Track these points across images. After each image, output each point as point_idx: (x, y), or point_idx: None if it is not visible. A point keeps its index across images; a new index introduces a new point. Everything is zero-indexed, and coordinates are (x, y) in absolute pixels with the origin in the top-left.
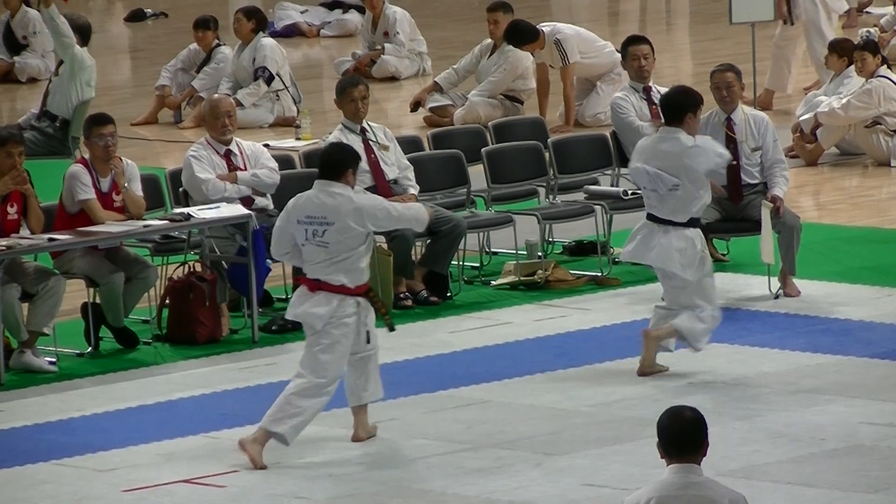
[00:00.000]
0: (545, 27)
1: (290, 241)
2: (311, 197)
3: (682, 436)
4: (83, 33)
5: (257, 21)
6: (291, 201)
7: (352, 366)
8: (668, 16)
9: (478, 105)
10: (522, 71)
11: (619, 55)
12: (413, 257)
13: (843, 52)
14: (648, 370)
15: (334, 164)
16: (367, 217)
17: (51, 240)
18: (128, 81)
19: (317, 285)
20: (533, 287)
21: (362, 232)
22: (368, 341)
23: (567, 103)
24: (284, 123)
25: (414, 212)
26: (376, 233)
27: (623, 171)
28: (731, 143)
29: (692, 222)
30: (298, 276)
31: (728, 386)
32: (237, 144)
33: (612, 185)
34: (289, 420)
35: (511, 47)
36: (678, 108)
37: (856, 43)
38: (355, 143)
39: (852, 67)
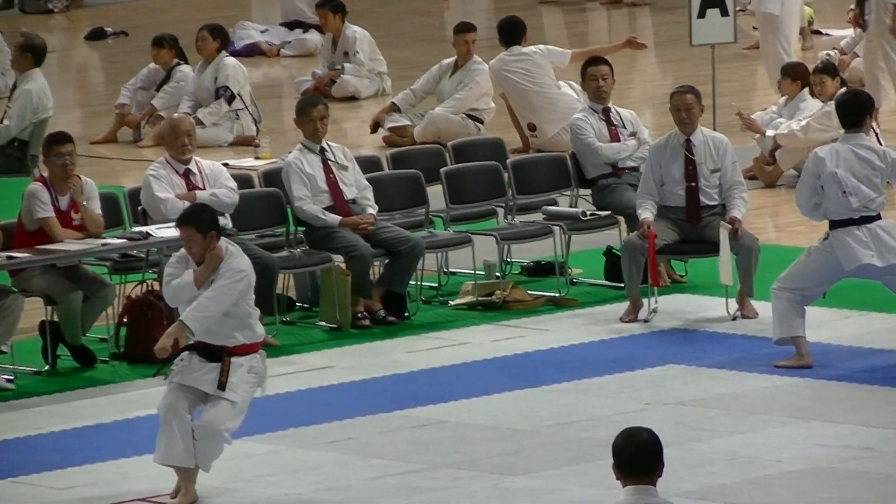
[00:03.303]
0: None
1: None
2: None
3: (638, 457)
4: (37, 53)
5: (222, 39)
6: None
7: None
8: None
9: (438, 119)
10: (486, 89)
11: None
12: (371, 277)
13: (795, 77)
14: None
15: None
16: None
17: (9, 258)
18: (88, 100)
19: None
20: (491, 307)
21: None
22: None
23: (516, 126)
24: (244, 143)
25: None
26: (334, 252)
27: (581, 191)
28: (690, 164)
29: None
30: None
31: (685, 407)
32: (196, 163)
33: (570, 206)
34: None
35: (478, 66)
36: (859, 111)
37: (815, 66)
38: (314, 162)
39: (806, 91)
